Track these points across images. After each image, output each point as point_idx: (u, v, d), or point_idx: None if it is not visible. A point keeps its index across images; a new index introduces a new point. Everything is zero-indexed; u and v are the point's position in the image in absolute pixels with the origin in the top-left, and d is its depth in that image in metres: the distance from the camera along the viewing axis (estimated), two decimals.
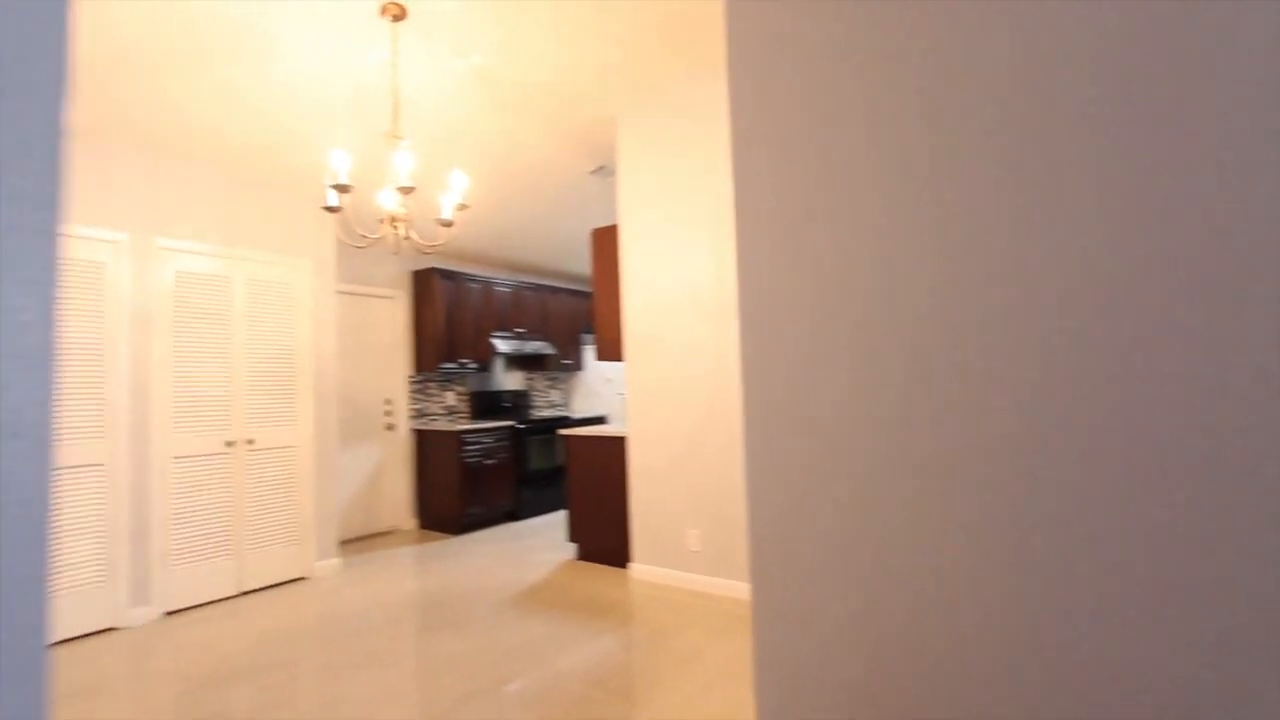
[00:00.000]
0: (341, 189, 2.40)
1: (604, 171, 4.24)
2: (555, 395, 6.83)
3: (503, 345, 5.72)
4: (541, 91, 3.14)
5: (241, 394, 3.61)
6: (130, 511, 3.16)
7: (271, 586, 3.71)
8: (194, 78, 2.77)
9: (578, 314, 6.67)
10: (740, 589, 3.21)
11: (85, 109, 2.89)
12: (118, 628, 3.10)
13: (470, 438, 5.04)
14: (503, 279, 5.88)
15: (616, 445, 3.86)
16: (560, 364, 6.49)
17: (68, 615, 2.94)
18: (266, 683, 2.49)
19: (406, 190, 2.43)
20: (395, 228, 2.57)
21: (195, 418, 3.42)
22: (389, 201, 2.58)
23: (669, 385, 3.48)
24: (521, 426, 5.50)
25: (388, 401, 5.16)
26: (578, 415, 6.46)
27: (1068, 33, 0.63)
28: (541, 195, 4.53)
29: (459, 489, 4.93)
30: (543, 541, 4.64)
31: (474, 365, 5.51)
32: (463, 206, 2.66)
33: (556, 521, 5.23)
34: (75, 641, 2.95)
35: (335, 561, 4.02)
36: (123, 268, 3.18)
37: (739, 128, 0.85)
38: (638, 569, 3.64)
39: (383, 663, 2.65)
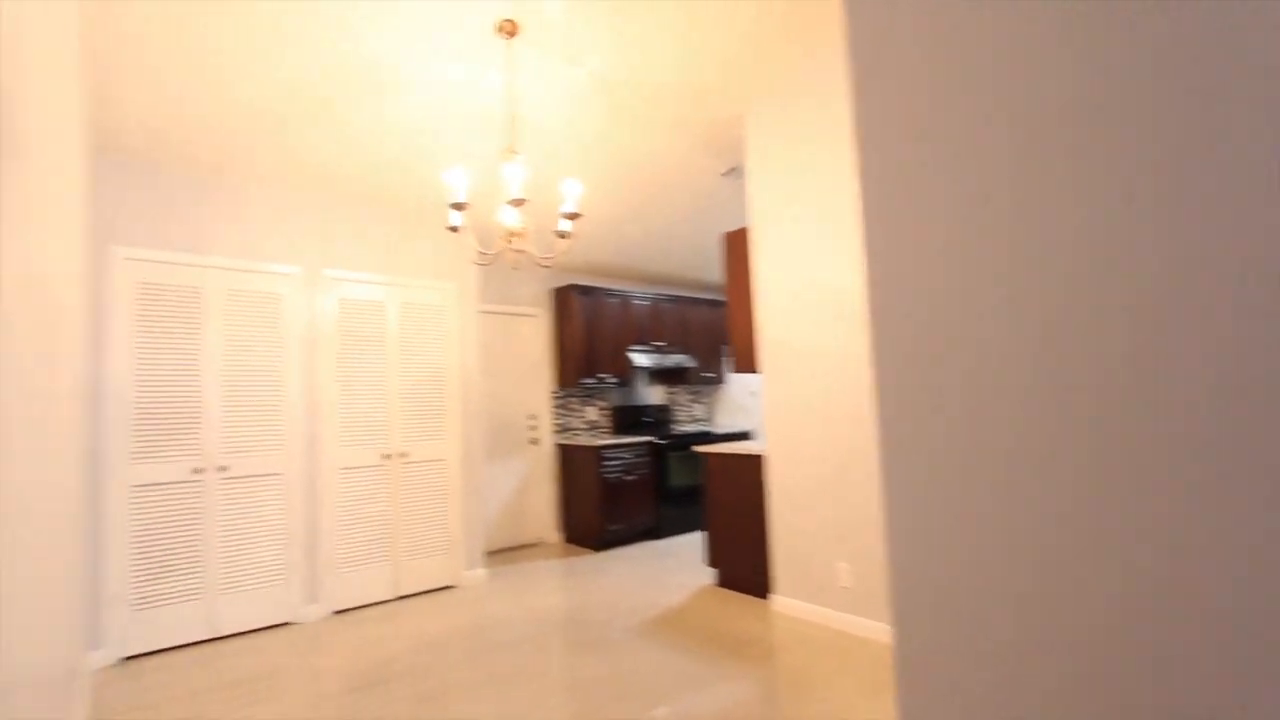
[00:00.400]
0: (458, 207, 2.43)
1: (736, 173, 4.01)
2: (698, 409, 6.64)
3: (642, 359, 5.65)
4: (663, 92, 3.00)
5: (396, 410, 3.87)
6: (304, 517, 3.49)
7: (424, 593, 3.90)
8: (339, 120, 3.00)
9: (718, 325, 6.44)
10: None
11: (267, 154, 3.26)
12: (292, 623, 3.42)
13: (609, 453, 5.01)
14: (640, 292, 5.83)
15: (755, 464, 3.57)
16: (702, 377, 6.29)
17: (253, 609, 3.30)
18: (420, 687, 2.56)
19: (518, 203, 2.40)
20: (511, 243, 2.56)
21: (357, 433, 3.72)
22: (507, 217, 2.58)
23: (810, 399, 3.13)
24: (662, 442, 5.37)
25: (532, 416, 5.32)
26: (721, 430, 6.21)
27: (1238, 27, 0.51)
28: (673, 202, 4.39)
29: (599, 504, 4.91)
30: (682, 563, 4.44)
31: (614, 380, 5.51)
32: (575, 216, 2.58)
33: (697, 542, 5.01)
34: (257, 633, 3.29)
35: (482, 572, 4.15)
36: (297, 298, 3.56)
37: (864, 118, 0.76)
38: (780, 601, 3.30)
39: (527, 677, 2.61)
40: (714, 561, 3.86)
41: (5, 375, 0.98)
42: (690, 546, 4.92)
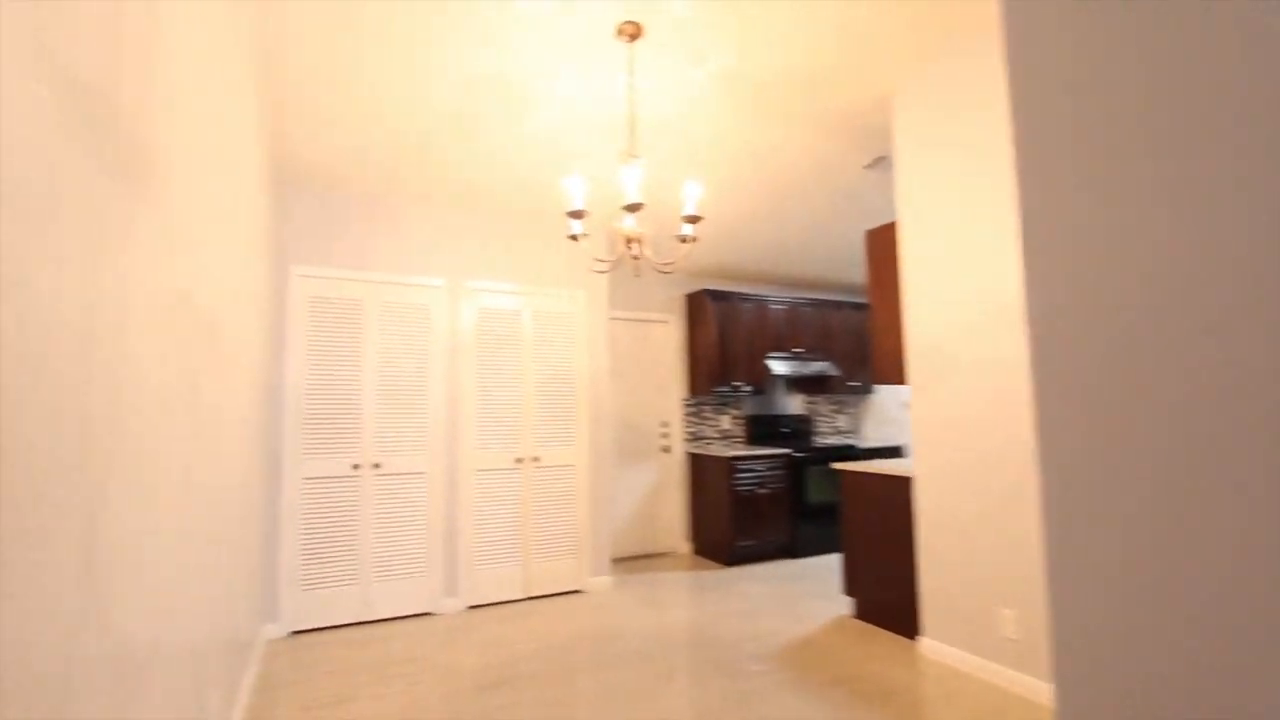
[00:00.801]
0: (576, 215, 2.40)
1: (883, 164, 3.63)
2: (842, 421, 6.19)
3: (779, 367, 5.37)
4: (795, 80, 2.77)
5: (529, 415, 3.99)
6: (444, 515, 3.70)
7: (552, 595, 3.98)
8: (479, 138, 3.13)
9: (864, 330, 5.95)
10: None
11: (418, 175, 3.51)
12: (433, 613, 3.64)
13: (742, 464, 4.80)
14: (777, 296, 5.55)
15: (901, 486, 3.19)
16: (847, 386, 5.85)
17: (399, 597, 3.55)
18: (545, 693, 2.58)
19: (635, 208, 2.31)
20: (630, 249, 2.48)
21: (492, 436, 3.88)
22: (625, 222, 2.51)
23: (968, 417, 2.72)
24: (799, 455, 5.05)
25: (664, 424, 5.25)
26: (868, 445, 5.72)
27: None
28: (812, 199, 4.10)
29: (730, 518, 4.72)
30: (817, 587, 4.12)
31: (749, 388, 5.28)
32: (696, 219, 2.44)
33: (836, 565, 4.63)
34: (402, 620, 3.54)
35: (607, 579, 4.15)
36: (441, 308, 3.79)
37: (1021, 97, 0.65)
38: (930, 646, 2.91)
39: (649, 697, 2.53)
40: (851, 590, 3.51)
41: (135, 385, 1.06)
42: (828, 570, 4.56)
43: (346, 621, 3.44)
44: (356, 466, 3.51)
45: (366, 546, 3.49)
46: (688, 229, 2.52)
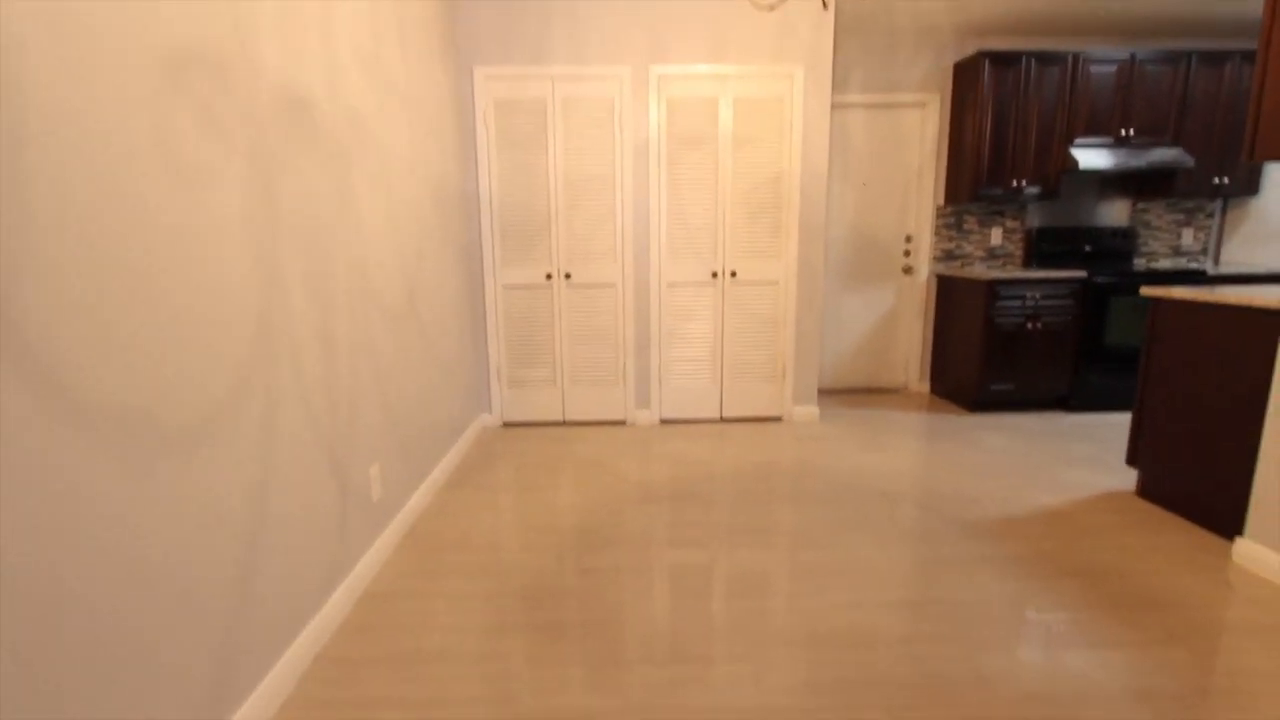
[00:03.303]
0: None
1: None
2: (1188, 238, 4.39)
3: (1092, 157, 3.85)
4: None
5: (726, 224, 3.52)
6: (634, 327, 3.59)
7: (747, 420, 3.74)
8: None
9: (1243, 97, 3.87)
10: None
11: None
12: (626, 422, 3.70)
13: (1007, 290, 3.73)
14: (1101, 53, 3.83)
15: (1260, 327, 2.07)
16: (1207, 186, 4.03)
17: (594, 404, 3.67)
18: (713, 516, 2.47)
19: None
20: None
21: (685, 247, 3.53)
22: None
23: None
24: (1103, 281, 3.74)
25: (908, 239, 4.29)
26: (1228, 270, 4.01)
27: None
28: None
29: (982, 355, 3.80)
30: (1092, 451, 3.16)
31: (1036, 190, 3.94)
32: None
33: (1124, 426, 3.47)
34: (598, 425, 3.67)
35: (813, 409, 3.74)
36: (625, 101, 3.36)
37: None
38: (1251, 552, 2.01)
39: (818, 546, 2.25)
40: (1138, 460, 2.58)
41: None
42: (1114, 432, 3.48)
43: (548, 420, 3.69)
44: (549, 276, 3.52)
45: (562, 352, 3.60)
46: None
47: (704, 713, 1.43)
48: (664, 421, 3.73)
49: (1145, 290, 2.55)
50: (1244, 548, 2.04)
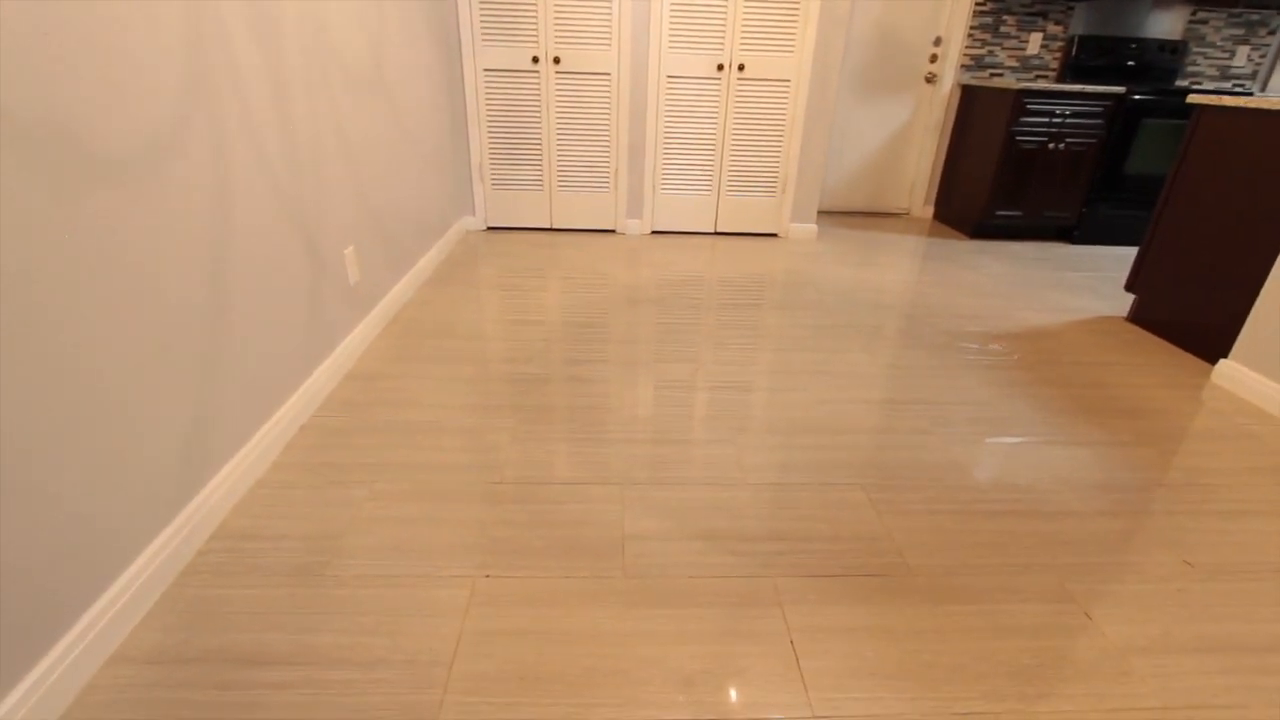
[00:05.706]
0: None
1: None
2: (1240, 57, 4.00)
3: None
4: None
5: (737, 10, 3.08)
6: (629, 125, 3.30)
7: (743, 234, 3.60)
8: None
9: None
10: None
11: None
12: (616, 231, 3.55)
13: (1036, 104, 3.43)
14: None
15: None
16: None
17: (582, 211, 3.48)
18: (701, 316, 2.43)
19: None
20: None
21: (688, 35, 3.13)
22: None
23: None
24: (1138, 99, 3.44)
25: (937, 41, 3.85)
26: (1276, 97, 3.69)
27: None
28: None
29: (994, 176, 3.60)
30: (1089, 280, 3.11)
31: None
32: None
33: (1129, 261, 3.40)
34: (585, 233, 3.51)
35: (811, 227, 3.59)
36: None
37: None
38: (1231, 372, 2.04)
39: (801, 347, 2.24)
40: (1136, 285, 2.53)
41: None
42: (1115, 264, 3.41)
43: (534, 225, 3.52)
44: (536, 60, 3.13)
45: (550, 151, 3.32)
46: None
47: (684, 486, 1.48)
48: (655, 233, 3.58)
49: (1192, 98, 2.32)
50: (1225, 368, 2.06)
